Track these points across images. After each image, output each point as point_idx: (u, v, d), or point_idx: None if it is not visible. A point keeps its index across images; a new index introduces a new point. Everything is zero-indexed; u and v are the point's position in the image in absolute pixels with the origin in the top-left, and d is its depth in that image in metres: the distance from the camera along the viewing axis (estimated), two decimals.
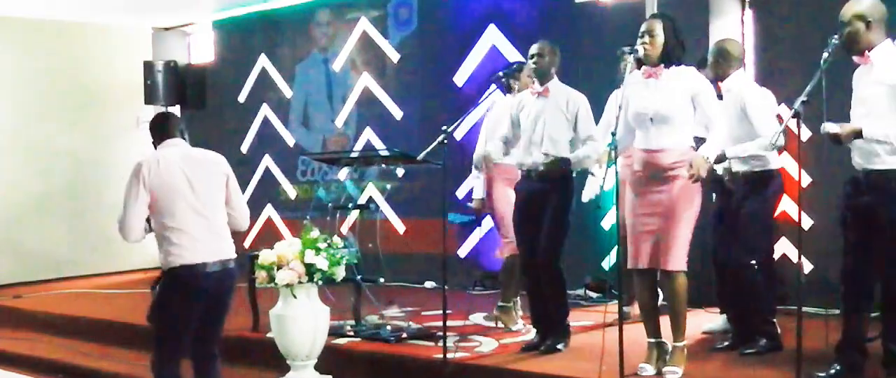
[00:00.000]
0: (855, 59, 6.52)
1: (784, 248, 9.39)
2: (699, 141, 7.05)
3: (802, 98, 6.16)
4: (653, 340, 7.21)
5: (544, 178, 7.99)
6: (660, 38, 6.96)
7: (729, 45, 7.94)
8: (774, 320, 7.89)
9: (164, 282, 6.67)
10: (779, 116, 8.06)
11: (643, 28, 7.06)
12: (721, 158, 7.48)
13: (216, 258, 6.60)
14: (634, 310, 8.29)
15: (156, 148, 6.87)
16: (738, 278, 7.79)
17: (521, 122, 8.18)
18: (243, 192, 14.39)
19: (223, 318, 6.89)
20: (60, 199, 14.07)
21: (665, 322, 7.22)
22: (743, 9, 10.01)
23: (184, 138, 6.96)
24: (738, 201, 7.81)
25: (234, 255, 6.75)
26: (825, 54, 6.29)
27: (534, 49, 8.14)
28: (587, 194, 8.93)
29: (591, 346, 7.80)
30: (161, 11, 14.88)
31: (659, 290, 7.51)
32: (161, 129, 6.97)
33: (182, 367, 6.91)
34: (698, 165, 6.75)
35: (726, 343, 7.96)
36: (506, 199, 8.73)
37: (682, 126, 6.95)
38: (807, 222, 8.81)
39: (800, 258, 6.57)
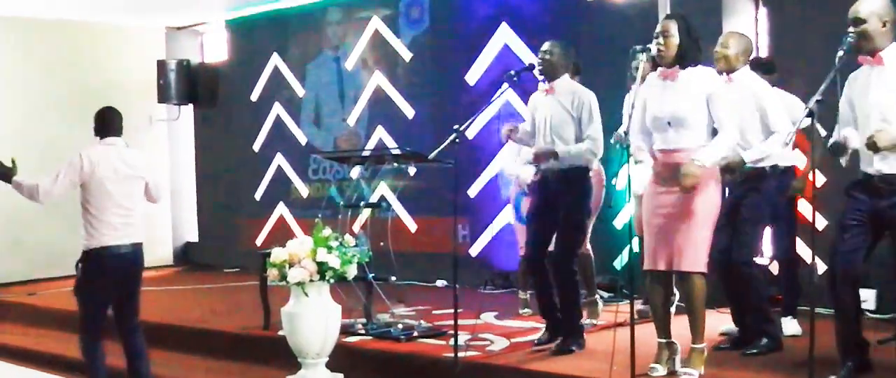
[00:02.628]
0: (863, 59, 6.44)
1: (797, 248, 9.34)
2: None
3: (817, 97, 6.12)
4: (663, 340, 7.17)
5: (559, 179, 7.98)
6: (674, 38, 6.90)
7: (738, 39, 7.89)
8: (774, 320, 7.87)
9: (85, 261, 7.87)
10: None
11: (657, 29, 7.00)
12: (738, 166, 7.42)
13: (128, 241, 7.86)
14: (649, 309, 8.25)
15: (99, 137, 8.04)
16: (738, 277, 7.74)
17: (535, 122, 8.18)
18: (256, 190, 14.66)
19: (137, 293, 8.15)
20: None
21: (677, 323, 7.21)
22: (757, 8, 9.98)
23: (120, 135, 8.08)
24: (737, 199, 7.76)
25: (142, 240, 7.99)
26: (840, 53, 6.25)
27: (544, 47, 8.12)
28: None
29: (602, 345, 7.79)
30: (174, 11, 14.92)
31: (676, 290, 7.50)
32: (105, 126, 8.08)
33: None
34: (687, 173, 6.70)
35: (726, 345, 7.94)
36: None
37: (699, 127, 6.87)
38: (821, 223, 8.78)
39: (813, 259, 6.55)
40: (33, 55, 14.44)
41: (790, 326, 8.19)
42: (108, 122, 8.08)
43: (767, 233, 8.49)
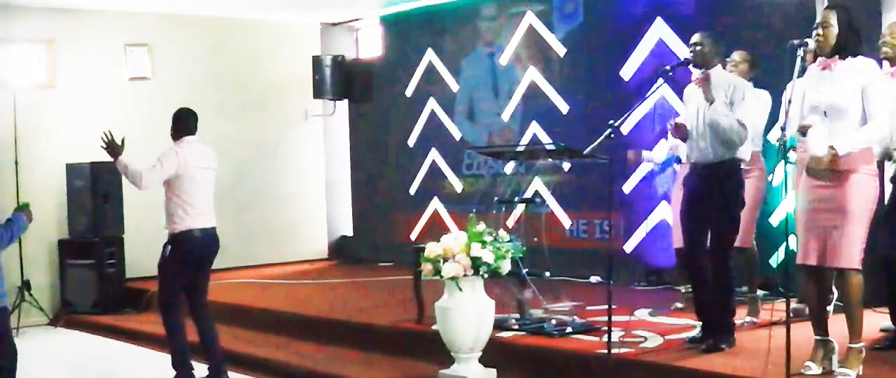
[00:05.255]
0: None
1: None
2: None
3: None
4: (819, 338, 7.03)
5: (709, 172, 7.89)
6: (834, 28, 6.78)
7: None
8: None
9: (175, 242, 8.81)
10: None
11: (818, 19, 6.90)
12: None
13: (209, 225, 8.93)
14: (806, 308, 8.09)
15: (176, 137, 8.98)
16: None
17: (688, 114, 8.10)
18: (410, 184, 14.78)
19: (209, 272, 9.17)
20: (229, 190, 14.09)
21: (836, 321, 7.08)
22: None
23: (195, 133, 9.04)
24: None
25: (216, 225, 9.01)
26: None
27: (694, 39, 8.04)
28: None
29: (756, 343, 7.70)
30: (329, 7, 15.10)
31: (834, 289, 7.36)
32: (184, 126, 9.02)
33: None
34: (813, 155, 6.63)
35: (881, 345, 7.73)
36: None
37: (855, 118, 6.74)
38: None
39: None
40: (195, 52, 14.80)
41: None
42: (185, 123, 9.04)
43: None
